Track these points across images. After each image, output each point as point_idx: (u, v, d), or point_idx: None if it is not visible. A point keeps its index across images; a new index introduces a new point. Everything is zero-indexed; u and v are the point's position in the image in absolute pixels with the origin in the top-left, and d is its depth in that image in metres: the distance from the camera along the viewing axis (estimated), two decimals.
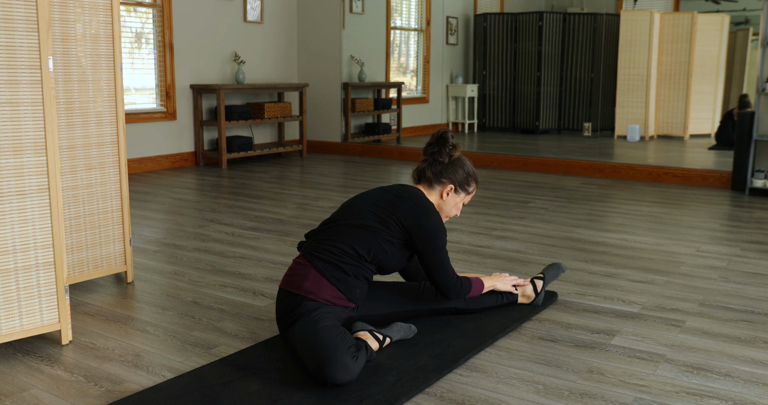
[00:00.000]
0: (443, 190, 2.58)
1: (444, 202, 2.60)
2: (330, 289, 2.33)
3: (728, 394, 2.14)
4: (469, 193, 2.65)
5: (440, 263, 2.47)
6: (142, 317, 2.77)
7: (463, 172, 2.61)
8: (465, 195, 2.63)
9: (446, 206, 2.61)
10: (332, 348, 2.10)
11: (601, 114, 8.53)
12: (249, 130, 7.56)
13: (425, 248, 2.43)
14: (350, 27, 8.04)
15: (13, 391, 2.14)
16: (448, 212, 2.63)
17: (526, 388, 2.16)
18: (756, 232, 4.22)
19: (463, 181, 2.61)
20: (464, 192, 2.62)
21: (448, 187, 2.58)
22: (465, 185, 2.62)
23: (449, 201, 2.60)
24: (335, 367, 2.06)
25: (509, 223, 4.42)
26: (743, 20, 7.34)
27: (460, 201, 2.63)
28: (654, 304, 2.94)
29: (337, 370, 2.06)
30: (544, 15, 8.77)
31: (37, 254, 2.40)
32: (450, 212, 2.63)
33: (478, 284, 2.65)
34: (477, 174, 2.68)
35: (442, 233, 2.46)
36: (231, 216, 4.60)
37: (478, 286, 2.66)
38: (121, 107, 3.05)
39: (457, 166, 2.59)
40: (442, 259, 2.47)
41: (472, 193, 2.66)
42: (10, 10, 2.26)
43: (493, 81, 9.17)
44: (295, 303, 2.31)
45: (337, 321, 2.26)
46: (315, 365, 2.10)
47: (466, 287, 2.58)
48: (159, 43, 6.58)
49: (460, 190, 2.61)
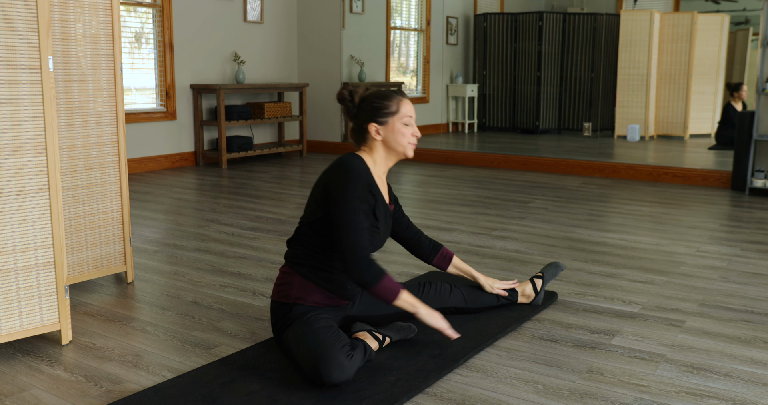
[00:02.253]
0: (371, 134, 2.38)
1: (384, 141, 2.39)
2: (318, 291, 2.32)
3: (728, 394, 2.14)
4: (398, 112, 2.37)
5: (341, 224, 2.21)
6: (142, 317, 2.77)
7: (369, 104, 2.38)
8: (395, 117, 2.37)
9: (390, 142, 2.38)
10: (326, 348, 2.10)
11: (601, 114, 8.52)
12: (249, 130, 7.56)
13: (330, 207, 2.24)
14: (350, 27, 8.04)
15: (13, 391, 2.14)
16: (397, 144, 2.38)
17: (526, 388, 2.16)
18: (756, 232, 4.22)
19: (377, 110, 2.37)
20: (390, 116, 2.37)
21: (372, 128, 2.38)
22: (382, 111, 2.37)
23: (387, 136, 2.38)
24: (330, 367, 2.06)
25: (509, 223, 4.42)
26: (743, 20, 7.33)
27: (398, 127, 2.37)
28: (654, 304, 2.94)
29: (332, 370, 2.06)
30: (544, 15, 8.76)
31: (37, 254, 2.40)
32: (400, 143, 2.38)
33: (391, 286, 2.23)
34: (388, 92, 2.40)
35: (346, 189, 2.23)
36: (231, 216, 4.60)
37: (389, 287, 2.22)
38: (121, 107, 3.05)
39: (363, 105, 2.40)
40: (343, 219, 2.20)
41: (400, 109, 2.38)
42: (10, 10, 2.26)
43: (493, 81, 9.17)
44: (287, 309, 2.32)
45: (331, 321, 2.26)
46: (310, 366, 2.10)
47: (371, 274, 2.19)
48: (159, 43, 6.58)
49: (384, 118, 2.37)
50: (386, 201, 2.48)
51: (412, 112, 2.41)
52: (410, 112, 2.40)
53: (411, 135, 2.39)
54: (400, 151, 2.40)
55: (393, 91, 2.42)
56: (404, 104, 2.39)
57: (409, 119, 2.39)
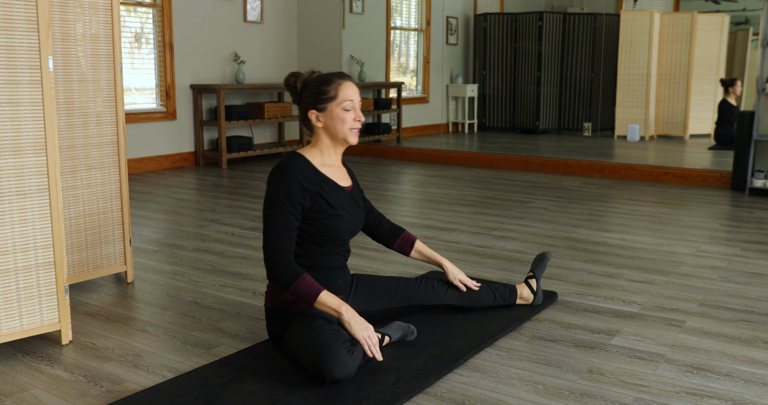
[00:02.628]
0: (312, 121, 2.33)
1: (325, 128, 2.33)
2: None
3: (728, 394, 2.14)
4: (336, 97, 2.29)
5: (263, 225, 2.25)
6: (142, 317, 2.77)
7: (309, 91, 2.32)
8: (333, 103, 2.29)
9: (330, 129, 2.32)
10: (327, 343, 2.09)
11: (601, 114, 8.53)
12: (249, 130, 7.56)
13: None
14: (350, 27, 8.04)
15: (13, 391, 2.14)
16: (337, 131, 2.32)
17: (526, 388, 2.16)
18: (756, 232, 4.22)
19: (317, 97, 2.30)
20: (328, 102, 2.29)
21: (312, 115, 2.32)
22: (321, 97, 2.29)
23: (327, 123, 2.32)
24: (332, 362, 2.05)
25: (509, 223, 4.42)
26: (743, 20, 7.33)
27: (337, 113, 2.30)
28: (654, 304, 2.94)
29: (334, 365, 2.05)
30: (544, 15, 8.77)
31: (37, 254, 2.40)
32: (339, 130, 2.31)
33: (307, 288, 2.18)
34: (328, 76, 2.32)
35: (271, 192, 2.25)
36: (231, 216, 4.60)
37: (306, 290, 2.17)
38: (121, 107, 3.05)
39: (304, 91, 2.34)
40: (264, 221, 2.25)
41: (338, 94, 2.29)
42: (10, 10, 2.26)
43: (493, 81, 9.17)
44: (282, 313, 2.33)
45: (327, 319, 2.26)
46: (311, 363, 2.09)
47: (284, 275, 2.18)
48: (159, 43, 6.58)
49: (323, 104, 2.30)
50: (345, 184, 2.42)
51: (354, 96, 2.31)
52: (350, 95, 2.30)
53: (353, 120, 2.31)
54: (341, 137, 2.33)
55: (334, 74, 2.32)
56: (343, 88, 2.29)
57: (350, 103, 2.30)
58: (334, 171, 2.40)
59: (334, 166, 2.41)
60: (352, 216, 2.40)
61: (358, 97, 2.33)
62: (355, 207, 2.44)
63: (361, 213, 2.48)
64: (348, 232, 2.38)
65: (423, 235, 4.09)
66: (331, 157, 2.39)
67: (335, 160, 2.41)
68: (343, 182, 2.42)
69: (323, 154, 2.37)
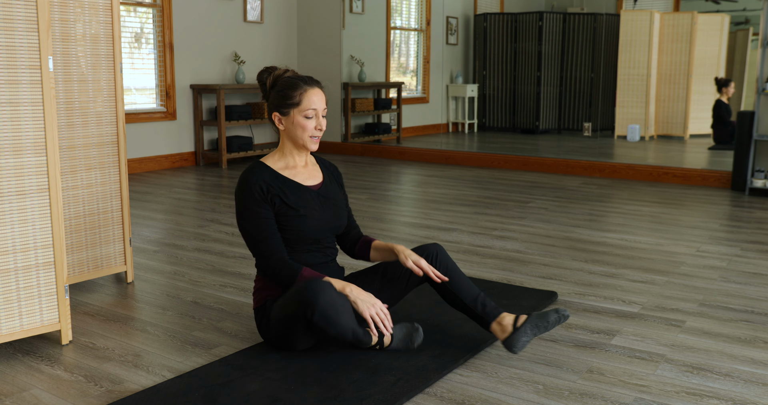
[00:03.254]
0: (276, 123, 2.33)
1: (286, 132, 2.32)
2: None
3: (728, 394, 2.14)
4: (299, 104, 2.26)
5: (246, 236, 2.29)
6: (142, 317, 2.77)
7: (276, 92, 2.30)
8: (296, 109, 2.27)
9: (290, 134, 2.31)
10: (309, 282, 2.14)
11: (601, 114, 8.52)
12: (249, 130, 7.56)
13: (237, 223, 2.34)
14: (350, 27, 8.04)
15: (13, 391, 2.14)
16: (297, 138, 2.30)
17: (526, 388, 2.16)
18: (756, 232, 4.22)
19: (281, 101, 2.28)
20: (291, 107, 2.28)
21: (275, 118, 2.31)
22: (285, 101, 2.27)
23: (288, 127, 2.31)
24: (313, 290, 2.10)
25: (509, 223, 4.42)
26: (743, 20, 7.33)
27: (299, 120, 2.27)
28: (654, 304, 2.94)
29: (316, 291, 2.10)
30: (544, 15, 8.76)
31: (37, 254, 2.40)
32: (299, 137, 2.30)
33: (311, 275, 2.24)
34: (295, 81, 2.28)
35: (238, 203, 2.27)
36: (231, 216, 4.60)
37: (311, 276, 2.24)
38: (121, 107, 3.05)
39: (272, 92, 2.32)
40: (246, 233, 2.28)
41: (302, 101, 2.26)
42: (10, 10, 2.26)
43: (493, 81, 9.17)
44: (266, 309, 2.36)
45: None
46: (297, 301, 2.14)
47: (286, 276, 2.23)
48: (159, 43, 6.58)
49: (286, 109, 2.28)
50: (311, 183, 2.39)
51: (318, 104, 2.29)
52: (314, 103, 2.27)
53: (314, 128, 2.30)
54: (300, 144, 2.33)
55: (302, 79, 2.29)
56: (308, 95, 2.27)
57: (312, 112, 2.28)
58: (298, 172, 2.40)
59: (298, 166, 2.41)
60: (321, 214, 2.36)
61: (322, 105, 2.31)
62: (327, 205, 2.40)
63: (336, 210, 2.42)
64: (318, 230, 2.35)
65: (423, 235, 4.09)
66: (294, 159, 2.40)
67: (299, 160, 2.41)
68: (309, 181, 2.41)
69: (286, 157, 2.39)
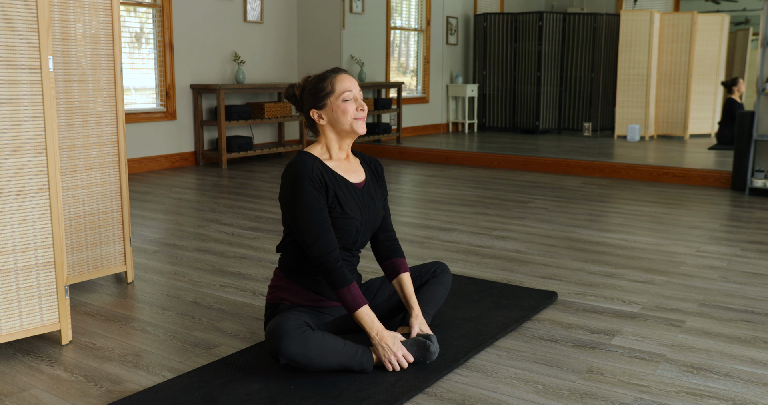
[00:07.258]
0: (316, 120, 2.33)
1: (330, 123, 2.32)
2: (304, 293, 2.34)
3: (728, 394, 2.14)
4: (333, 91, 2.29)
5: (303, 231, 2.21)
6: (142, 317, 2.77)
7: (309, 93, 2.32)
8: (331, 97, 2.29)
9: (334, 123, 2.31)
10: (283, 322, 2.14)
11: (601, 114, 8.52)
12: (249, 130, 7.56)
13: (289, 217, 2.25)
14: (350, 27, 8.04)
15: (13, 391, 2.14)
16: (341, 123, 2.29)
17: (526, 388, 2.16)
18: (756, 232, 4.22)
19: (316, 96, 2.30)
20: (327, 98, 2.29)
21: (314, 115, 2.32)
22: (319, 95, 2.30)
23: (329, 118, 2.30)
24: (279, 335, 2.11)
25: (509, 223, 4.42)
26: (743, 20, 7.33)
27: (338, 106, 2.28)
28: (654, 304, 2.94)
29: (281, 338, 2.10)
30: (544, 15, 8.76)
31: (37, 254, 2.40)
32: (343, 122, 2.29)
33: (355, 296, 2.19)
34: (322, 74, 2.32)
35: (294, 195, 2.21)
36: (231, 216, 4.60)
37: (353, 297, 2.19)
38: (121, 107, 3.05)
39: (304, 97, 2.34)
40: (304, 227, 2.20)
41: (335, 89, 2.29)
42: (10, 10, 2.26)
43: (493, 81, 9.17)
44: (275, 308, 2.36)
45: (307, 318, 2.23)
46: (267, 337, 2.16)
47: (337, 279, 2.18)
48: (159, 43, 6.58)
49: (322, 102, 2.30)
50: (355, 180, 2.36)
51: (352, 86, 2.30)
52: (348, 86, 2.29)
53: (356, 109, 2.29)
54: (347, 129, 2.30)
55: (327, 71, 2.32)
56: (339, 81, 2.29)
57: (349, 94, 2.28)
58: (341, 164, 2.35)
59: (342, 160, 2.37)
60: (362, 215, 2.33)
61: (356, 87, 2.31)
62: (369, 206, 2.37)
63: (376, 212, 2.40)
64: (356, 233, 2.31)
65: (423, 235, 4.09)
66: (337, 151, 2.35)
67: (341, 153, 2.37)
68: (354, 178, 2.37)
69: (330, 150, 2.34)
